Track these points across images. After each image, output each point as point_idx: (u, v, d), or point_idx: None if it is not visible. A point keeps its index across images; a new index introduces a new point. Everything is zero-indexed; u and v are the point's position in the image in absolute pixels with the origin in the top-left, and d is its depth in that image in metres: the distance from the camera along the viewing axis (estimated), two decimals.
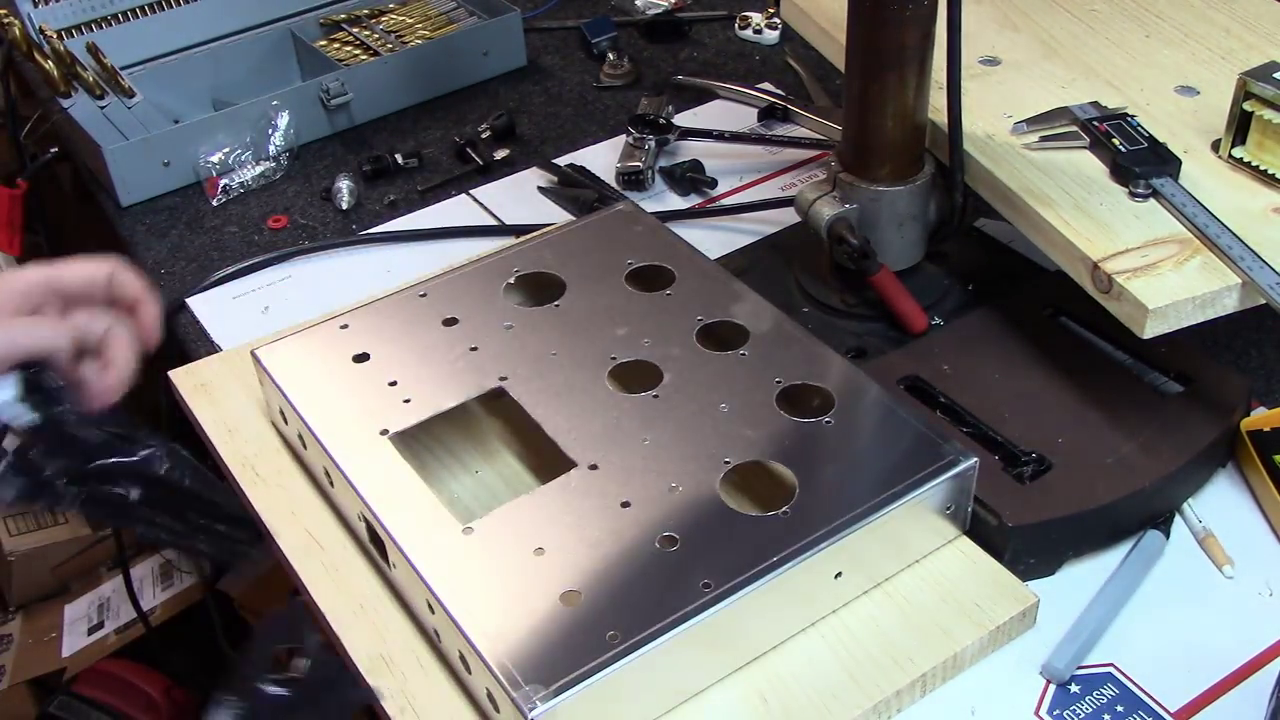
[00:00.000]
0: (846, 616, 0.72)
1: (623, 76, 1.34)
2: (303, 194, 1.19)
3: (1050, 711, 0.70)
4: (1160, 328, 0.75)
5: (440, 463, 0.84)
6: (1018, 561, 0.75)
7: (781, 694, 0.68)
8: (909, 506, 0.71)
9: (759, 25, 1.40)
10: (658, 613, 0.65)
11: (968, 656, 0.71)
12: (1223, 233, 0.77)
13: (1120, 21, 1.03)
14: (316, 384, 0.82)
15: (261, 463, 0.84)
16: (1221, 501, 0.81)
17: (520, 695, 0.61)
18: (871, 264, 0.90)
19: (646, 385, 0.80)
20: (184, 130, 1.19)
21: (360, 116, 1.28)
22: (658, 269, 0.90)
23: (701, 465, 0.74)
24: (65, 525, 1.82)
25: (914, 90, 0.86)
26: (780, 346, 0.82)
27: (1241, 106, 0.83)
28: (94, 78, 1.16)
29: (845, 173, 0.90)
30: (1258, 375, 0.90)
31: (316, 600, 0.74)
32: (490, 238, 1.10)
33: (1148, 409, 0.82)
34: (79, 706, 1.56)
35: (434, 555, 0.69)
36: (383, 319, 0.87)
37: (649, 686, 0.66)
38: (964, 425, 0.81)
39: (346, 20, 1.39)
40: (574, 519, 0.71)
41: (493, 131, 1.24)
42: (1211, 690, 0.70)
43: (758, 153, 1.20)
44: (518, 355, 0.83)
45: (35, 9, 1.25)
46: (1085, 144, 0.87)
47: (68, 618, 1.78)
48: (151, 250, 1.13)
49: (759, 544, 0.68)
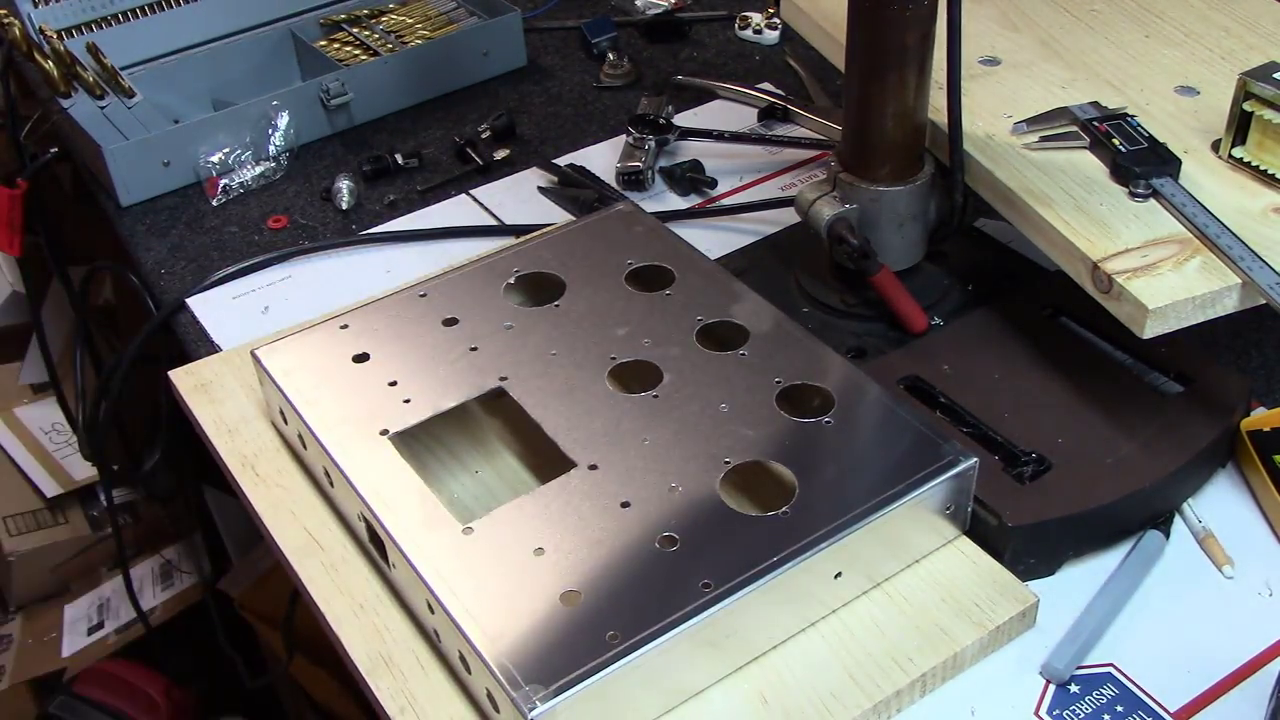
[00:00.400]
0: (846, 616, 0.72)
1: (623, 76, 1.34)
2: (303, 194, 1.19)
3: (1050, 711, 0.70)
4: (1160, 328, 0.75)
5: (440, 463, 0.84)
6: (1018, 561, 0.75)
7: (781, 694, 0.68)
8: (909, 506, 0.72)
9: (759, 25, 1.40)
10: (658, 613, 0.65)
11: (967, 656, 0.71)
12: (1223, 233, 0.77)
13: (1120, 21, 1.03)
14: (316, 384, 0.82)
15: (261, 463, 0.84)
16: (1221, 501, 0.81)
17: (520, 695, 0.61)
18: (871, 264, 0.90)
19: (646, 385, 0.80)
20: (184, 130, 1.19)
21: (360, 116, 1.28)
22: (658, 269, 0.90)
23: (701, 465, 0.74)
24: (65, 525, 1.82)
25: (914, 90, 0.86)
26: (780, 346, 0.82)
27: (1241, 106, 0.83)
28: (94, 78, 1.16)
29: (845, 173, 0.90)
30: (1258, 375, 0.90)
31: (316, 600, 0.74)
32: (490, 238, 1.10)
33: (1148, 409, 0.82)
34: (79, 706, 1.56)
35: (434, 555, 0.69)
36: (383, 319, 0.87)
37: (649, 686, 0.66)
38: (964, 425, 0.81)
39: (346, 20, 1.39)
40: (574, 519, 0.71)
41: (493, 131, 1.24)
42: (1211, 690, 0.70)
43: (758, 153, 1.20)
44: (518, 355, 0.83)
45: (35, 9, 1.24)
46: (1085, 144, 0.87)
47: (68, 618, 1.78)
48: (151, 250, 1.13)
49: (759, 544, 0.68)
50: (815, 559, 0.68)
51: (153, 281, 1.09)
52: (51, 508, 1.83)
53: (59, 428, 1.88)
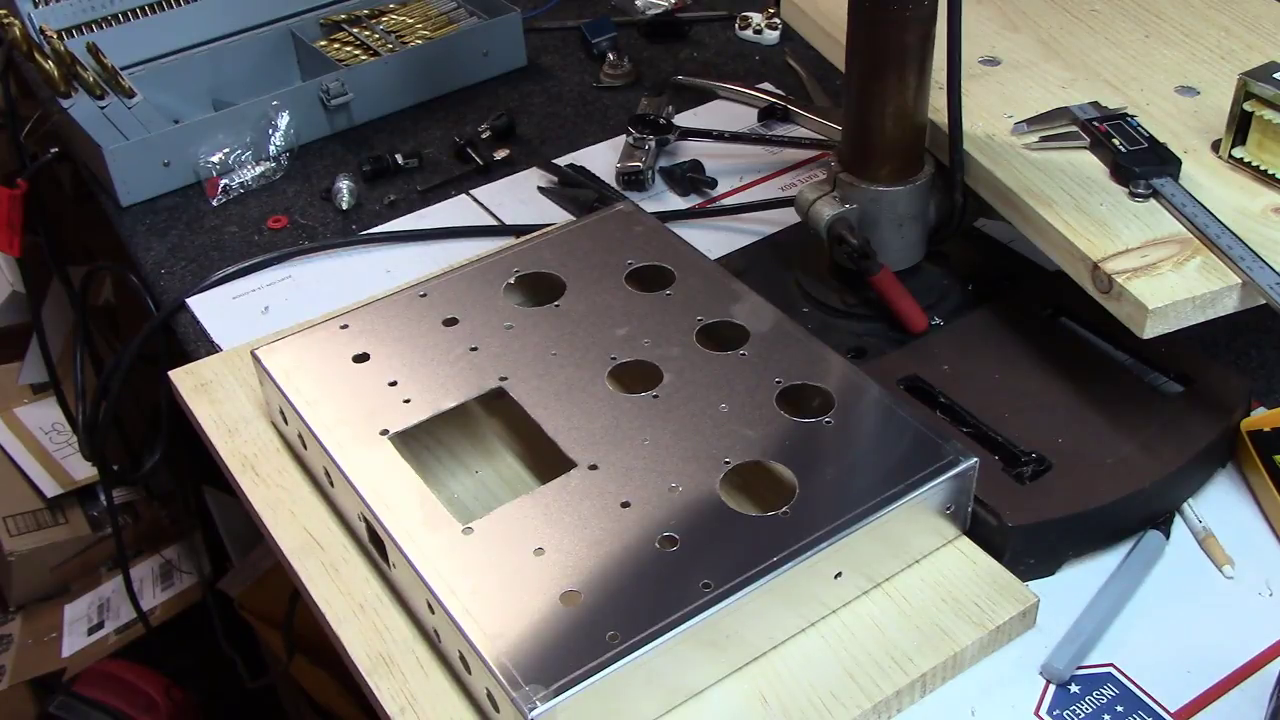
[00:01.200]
0: (846, 616, 0.72)
1: (623, 77, 1.34)
2: (303, 194, 1.19)
3: (1050, 712, 0.70)
4: (1160, 328, 0.74)
5: (440, 463, 0.84)
6: (1018, 561, 0.75)
7: (781, 694, 0.68)
8: (909, 506, 0.72)
9: (759, 25, 1.40)
10: (658, 613, 0.65)
11: (968, 657, 0.71)
12: (1223, 233, 0.77)
13: (1120, 21, 1.03)
14: (316, 384, 0.82)
15: (261, 463, 0.84)
16: (1221, 501, 0.81)
17: (520, 695, 0.61)
18: (871, 264, 0.90)
19: (646, 385, 0.80)
20: (184, 130, 1.19)
21: (360, 116, 1.28)
22: (658, 269, 0.90)
23: (701, 465, 0.74)
24: (65, 525, 1.82)
25: (914, 90, 0.86)
26: (780, 346, 0.82)
27: (1241, 106, 0.83)
28: (94, 78, 1.16)
29: (845, 173, 0.90)
30: (1258, 375, 0.90)
31: (316, 600, 0.74)
32: (490, 238, 1.10)
33: (1148, 409, 0.82)
34: (79, 706, 1.56)
35: (434, 555, 0.69)
36: (383, 319, 0.87)
37: (649, 686, 0.66)
38: (964, 425, 0.81)
39: (346, 20, 1.39)
40: (574, 519, 0.71)
41: (493, 131, 1.24)
42: (1211, 690, 0.70)
43: (758, 153, 1.20)
44: (518, 355, 0.83)
45: (35, 9, 1.25)
46: (1085, 144, 0.87)
47: (68, 618, 1.78)
48: (151, 250, 1.13)
49: (759, 544, 0.68)
50: (815, 559, 0.68)
51: (153, 281, 1.09)
52: (51, 508, 1.83)
53: (59, 428, 1.89)
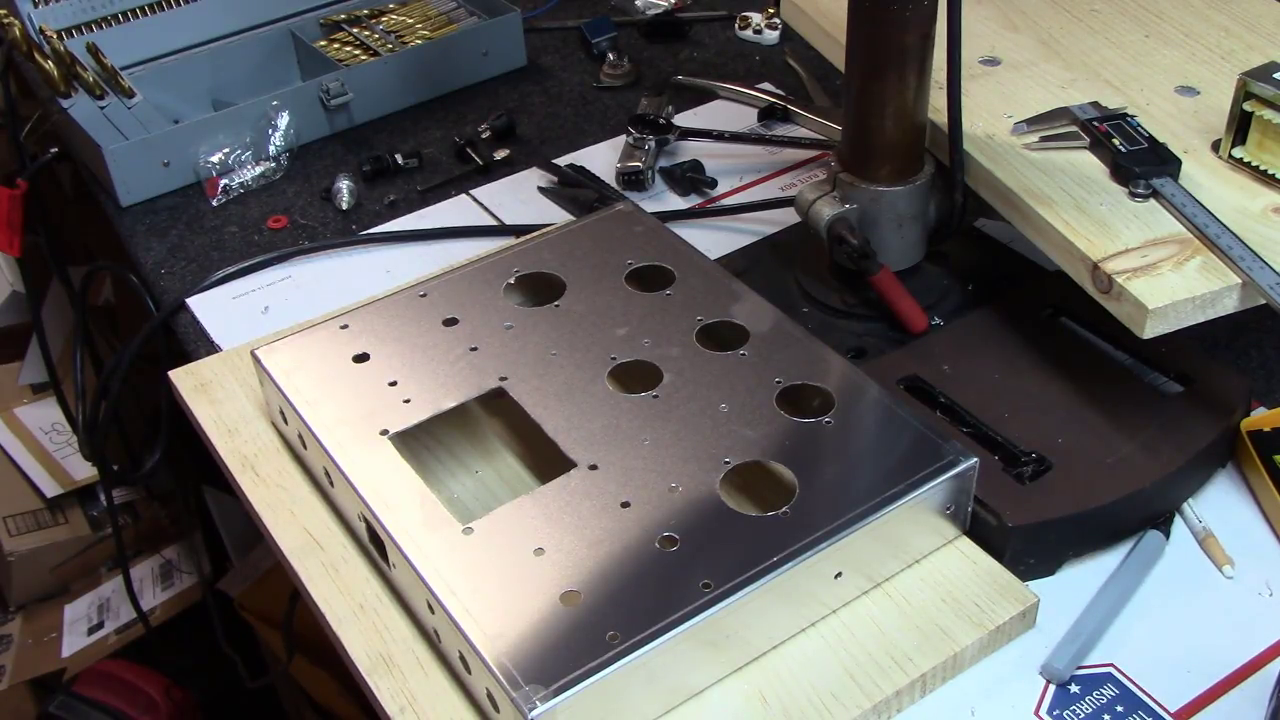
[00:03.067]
0: (846, 616, 0.72)
1: (623, 76, 1.34)
2: (303, 194, 1.19)
3: (1050, 712, 0.70)
4: (1160, 328, 0.75)
5: (440, 463, 0.84)
6: (1018, 561, 0.75)
7: (781, 694, 0.68)
8: (909, 506, 0.72)
9: (759, 25, 1.40)
10: (658, 613, 0.65)
11: (967, 657, 0.71)
12: (1223, 233, 0.77)
13: (1120, 21, 1.03)
14: (316, 384, 0.82)
15: (261, 463, 0.84)
16: (1221, 501, 0.81)
17: (520, 695, 0.61)
18: (871, 264, 0.90)
19: (646, 385, 0.80)
20: (184, 130, 1.19)
21: (360, 116, 1.28)
22: (658, 269, 0.90)
23: (701, 465, 0.74)
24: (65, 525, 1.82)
25: (914, 90, 0.86)
26: (780, 346, 0.82)
27: (1241, 106, 0.83)
28: (94, 78, 1.16)
29: (845, 173, 0.90)
30: (1258, 375, 0.90)
31: (316, 600, 0.74)
32: (490, 238, 1.10)
33: (1148, 409, 0.82)
34: (79, 706, 1.56)
35: (434, 555, 0.69)
36: (383, 319, 0.87)
37: (649, 686, 0.66)
38: (964, 425, 0.81)
39: (346, 20, 1.39)
40: (574, 519, 0.71)
41: (493, 131, 1.24)
42: (1211, 690, 0.70)
43: (758, 153, 1.20)
44: (518, 355, 0.83)
45: (35, 9, 1.25)
46: (1085, 144, 0.87)
47: (68, 618, 1.78)
48: (151, 250, 1.13)
49: (759, 544, 0.68)
50: (815, 559, 0.68)
51: (153, 281, 1.09)
52: (51, 508, 1.83)
53: (59, 428, 1.89)
